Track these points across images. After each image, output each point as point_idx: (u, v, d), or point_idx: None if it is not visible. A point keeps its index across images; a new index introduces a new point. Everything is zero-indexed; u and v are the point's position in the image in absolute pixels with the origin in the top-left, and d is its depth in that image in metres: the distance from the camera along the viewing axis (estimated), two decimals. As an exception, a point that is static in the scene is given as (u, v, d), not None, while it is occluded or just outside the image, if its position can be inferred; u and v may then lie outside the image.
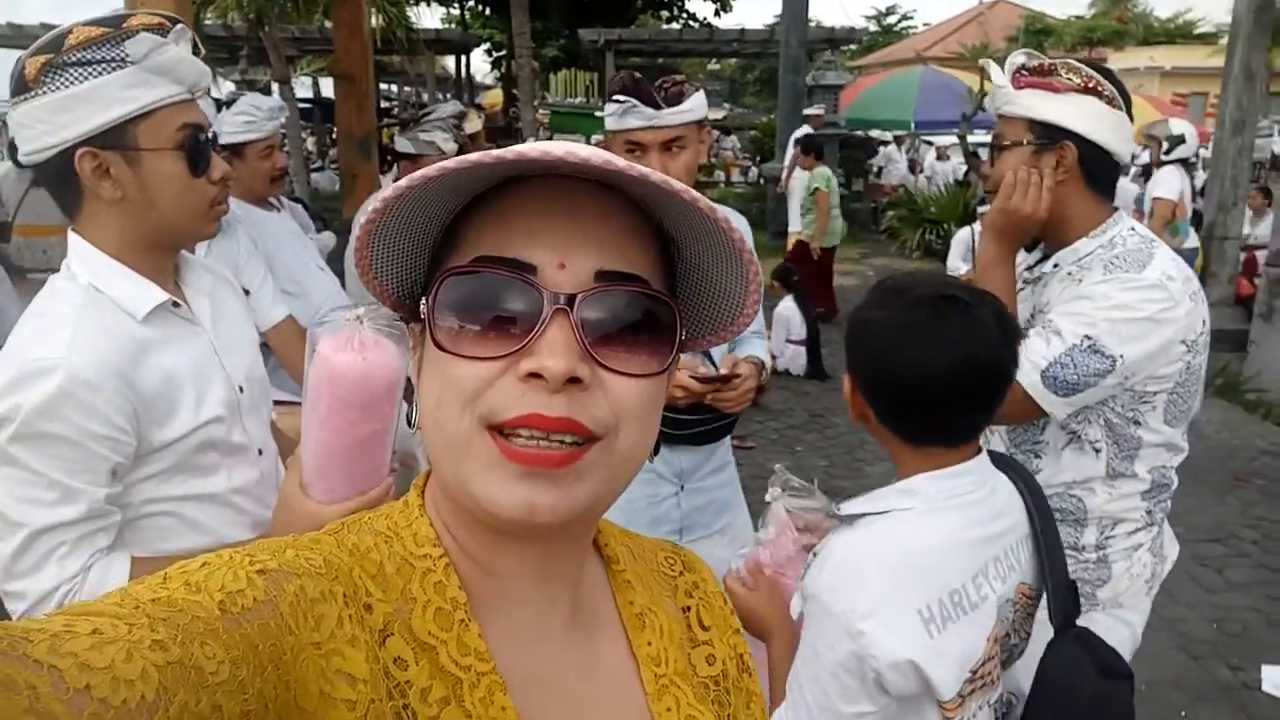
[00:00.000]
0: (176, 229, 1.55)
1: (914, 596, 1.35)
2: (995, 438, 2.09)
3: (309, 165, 14.74)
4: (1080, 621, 1.97)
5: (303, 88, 20.25)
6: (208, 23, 14.12)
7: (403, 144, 3.86)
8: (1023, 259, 2.11)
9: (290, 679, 0.54)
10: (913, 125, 16.80)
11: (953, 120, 15.42)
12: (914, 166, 18.35)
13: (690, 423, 2.42)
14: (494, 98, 28.35)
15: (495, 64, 27.44)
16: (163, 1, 3.48)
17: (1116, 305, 1.82)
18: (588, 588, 0.77)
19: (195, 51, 1.52)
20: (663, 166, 2.27)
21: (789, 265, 9.54)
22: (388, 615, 0.64)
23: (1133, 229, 1.95)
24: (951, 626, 1.37)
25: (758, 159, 17.95)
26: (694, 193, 0.63)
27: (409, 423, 0.72)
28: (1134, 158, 10.51)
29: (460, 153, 4.05)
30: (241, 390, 1.64)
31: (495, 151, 0.62)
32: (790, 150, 13.31)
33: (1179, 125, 7.91)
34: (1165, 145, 7.69)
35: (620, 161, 0.62)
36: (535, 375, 0.61)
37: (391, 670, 0.62)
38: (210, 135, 1.58)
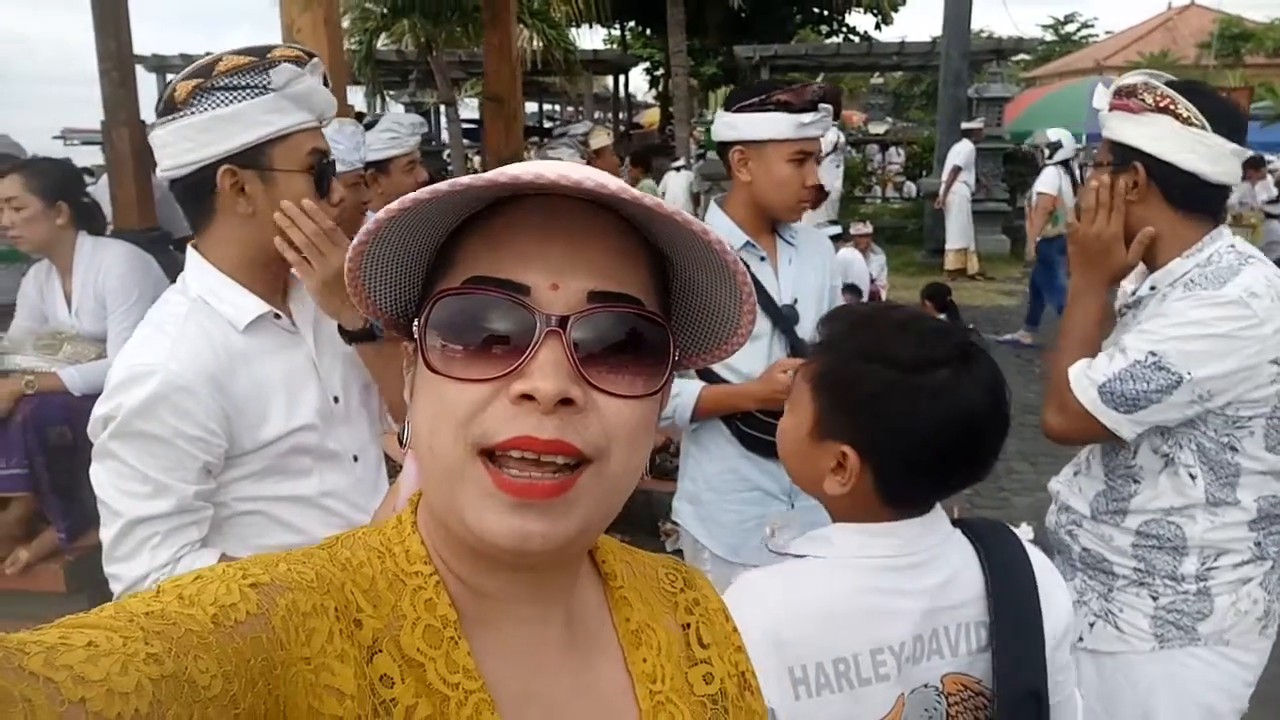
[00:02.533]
0: None
1: (789, 652, 1.23)
2: (1084, 455, 2.04)
3: (472, 183, 15.37)
4: (1180, 657, 1.90)
5: (468, 109, 21.17)
6: (381, 47, 14.97)
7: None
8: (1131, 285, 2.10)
9: (280, 693, 0.54)
10: (1084, 138, 15.95)
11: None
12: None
13: None
14: (651, 116, 28.80)
15: (653, 83, 27.87)
16: (317, 30, 3.67)
17: (1188, 322, 1.78)
18: (584, 605, 0.76)
19: (325, 84, 1.64)
20: (812, 169, 2.39)
21: (943, 285, 9.22)
22: (377, 631, 0.64)
23: (1232, 245, 1.88)
24: (828, 696, 1.24)
25: (919, 174, 17.46)
26: (686, 215, 0.63)
27: (400, 443, 0.73)
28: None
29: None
30: (337, 400, 1.72)
31: (487, 175, 0.61)
32: (947, 166, 12.90)
33: (1055, 133, 9.83)
34: (1047, 151, 9.75)
35: (613, 184, 0.61)
36: (527, 397, 0.61)
37: (378, 687, 0.62)
38: (332, 161, 1.68)
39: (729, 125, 2.42)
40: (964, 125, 13.40)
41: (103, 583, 3.45)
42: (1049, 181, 9.25)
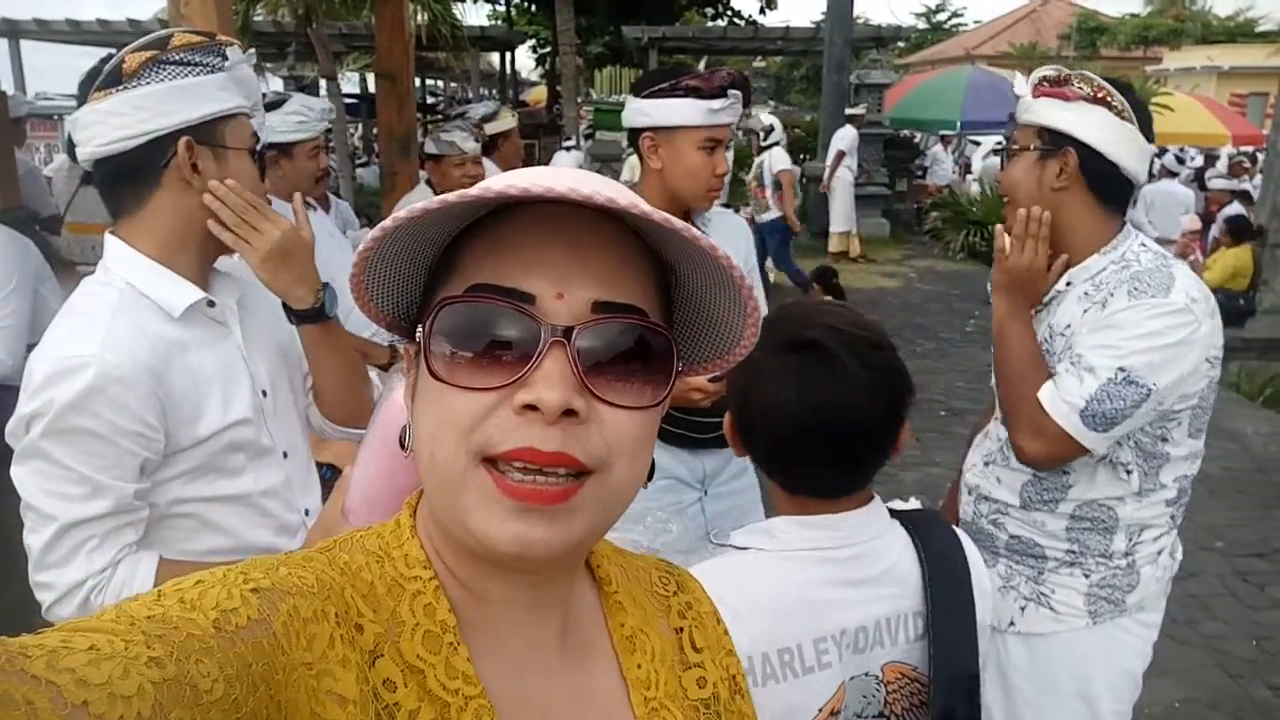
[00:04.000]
0: None
1: (737, 644, 1.24)
2: (995, 447, 2.09)
3: (355, 160, 14.96)
4: (1110, 630, 1.97)
5: (349, 83, 20.51)
6: (257, 19, 14.32)
7: (428, 144, 3.90)
8: None
9: (282, 699, 0.54)
10: (959, 125, 16.59)
11: (1001, 120, 15.12)
12: (968, 169, 18.10)
13: (713, 425, 2.41)
14: (538, 94, 28.48)
15: (540, 61, 27.53)
16: (206, 1, 3.51)
17: (1147, 334, 1.81)
18: (579, 611, 0.77)
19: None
20: (722, 157, 2.38)
21: (830, 267, 9.49)
22: (378, 636, 0.64)
23: (1143, 244, 1.95)
24: (773, 686, 1.27)
25: (803, 158, 17.84)
26: (693, 230, 0.63)
27: (402, 446, 0.72)
28: (1182, 160, 10.45)
29: (484, 150, 4.10)
30: (265, 394, 1.67)
31: (496, 186, 0.62)
32: (832, 150, 13.23)
33: (766, 118, 11.08)
34: (763, 135, 10.51)
35: (623, 199, 0.61)
36: (531, 407, 0.61)
37: (381, 692, 0.62)
38: (265, 146, 1.70)
39: (639, 111, 2.40)
40: (848, 111, 13.75)
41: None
42: (784, 160, 10.20)
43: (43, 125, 13.94)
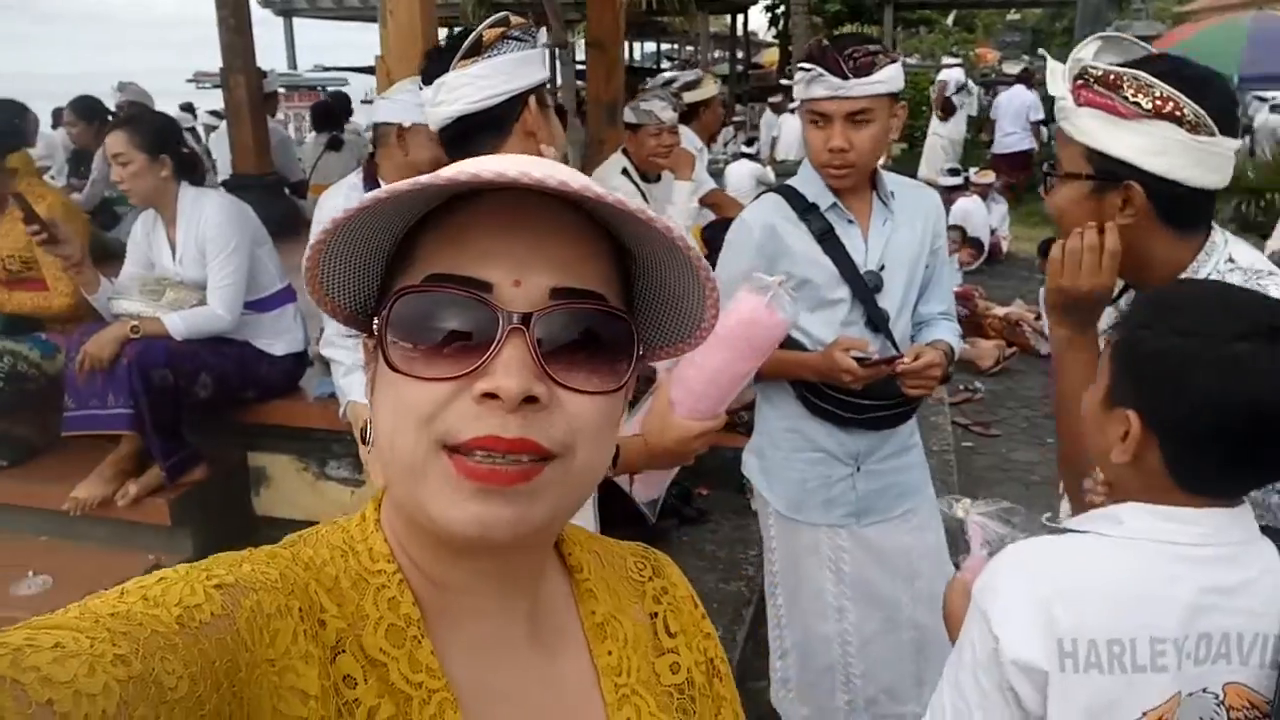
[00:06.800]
0: None
1: (1061, 625, 1.20)
2: None
3: (585, 125, 15.41)
4: None
5: (582, 51, 21.07)
6: (495, -11, 14.96)
7: (627, 113, 3.91)
8: None
9: (245, 695, 0.54)
10: (1236, 80, 14.72)
11: (1290, 74, 13.35)
12: (1248, 130, 16.11)
13: (865, 407, 2.39)
14: (771, 55, 28.08)
15: (773, 21, 27.05)
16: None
17: None
18: (549, 599, 0.77)
19: None
20: (845, 138, 2.24)
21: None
22: (340, 631, 0.65)
23: (1231, 260, 1.55)
24: (1094, 675, 1.20)
25: (1053, 118, 16.50)
26: (649, 212, 0.61)
27: (362, 440, 0.73)
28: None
29: (686, 118, 4.04)
30: None
31: (446, 173, 0.61)
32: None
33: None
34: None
35: (575, 182, 0.60)
36: (491, 395, 0.60)
37: (341, 688, 0.63)
38: None
39: None
40: (1102, 66, 12.60)
41: (201, 519, 3.64)
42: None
43: (309, 95, 15.25)
